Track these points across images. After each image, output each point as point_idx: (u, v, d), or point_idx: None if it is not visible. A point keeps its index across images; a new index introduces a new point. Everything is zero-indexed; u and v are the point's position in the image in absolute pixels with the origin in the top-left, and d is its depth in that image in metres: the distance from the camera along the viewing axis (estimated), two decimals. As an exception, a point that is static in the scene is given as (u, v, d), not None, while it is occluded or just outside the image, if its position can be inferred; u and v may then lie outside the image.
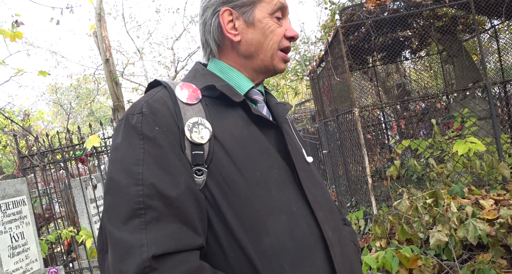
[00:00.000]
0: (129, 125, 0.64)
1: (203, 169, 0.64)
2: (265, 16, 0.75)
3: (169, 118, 0.65)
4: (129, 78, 13.88)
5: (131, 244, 0.56)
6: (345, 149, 3.76)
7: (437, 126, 2.84)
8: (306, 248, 0.66)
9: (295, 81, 10.07)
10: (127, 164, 0.61)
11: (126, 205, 0.58)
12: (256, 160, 0.68)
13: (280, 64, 0.78)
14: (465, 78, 3.91)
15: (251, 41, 0.75)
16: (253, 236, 0.63)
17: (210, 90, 0.72)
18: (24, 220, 2.98)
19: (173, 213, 0.59)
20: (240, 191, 0.64)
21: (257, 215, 0.64)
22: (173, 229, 0.58)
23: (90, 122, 4.77)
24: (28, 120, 10.17)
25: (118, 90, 7.16)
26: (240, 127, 0.70)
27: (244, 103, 0.72)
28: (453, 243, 1.99)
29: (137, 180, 0.59)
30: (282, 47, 0.77)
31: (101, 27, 6.85)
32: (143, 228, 0.57)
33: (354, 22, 3.17)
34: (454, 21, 3.75)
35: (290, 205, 0.67)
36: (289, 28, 0.78)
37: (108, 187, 0.62)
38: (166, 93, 0.69)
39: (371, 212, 3.05)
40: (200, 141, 0.65)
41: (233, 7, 0.75)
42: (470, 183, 2.84)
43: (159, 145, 0.62)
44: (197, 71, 0.79)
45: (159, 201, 0.59)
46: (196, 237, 0.60)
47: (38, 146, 4.00)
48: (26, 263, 2.89)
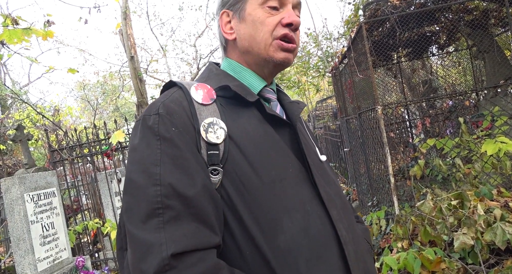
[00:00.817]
0: (146, 127, 0.65)
1: (219, 168, 0.65)
2: (255, 7, 0.74)
3: (185, 119, 0.66)
4: (153, 75, 14.19)
5: (151, 243, 0.57)
6: (367, 147, 3.69)
7: (465, 125, 2.73)
8: (321, 246, 0.66)
9: (317, 77, 9.94)
10: (145, 164, 0.62)
11: (145, 205, 0.60)
12: (271, 159, 0.68)
13: (277, 53, 0.74)
14: (496, 74, 3.73)
15: (243, 36, 0.76)
16: (268, 234, 0.63)
17: (224, 90, 0.72)
18: (54, 210, 3.13)
19: (191, 212, 0.60)
20: (256, 190, 0.64)
21: (272, 213, 0.64)
22: (191, 228, 0.59)
23: (115, 118, 4.92)
24: (58, 116, 10.63)
25: (142, 87, 7.34)
26: (254, 127, 0.70)
27: (258, 102, 0.73)
28: (479, 247, 1.92)
29: (155, 180, 0.60)
30: (277, 36, 0.74)
31: (126, 25, 7.04)
32: (161, 227, 0.58)
33: (378, 18, 3.09)
34: (486, 14, 3.57)
35: (304, 203, 0.68)
36: (287, 15, 0.74)
37: (127, 187, 0.64)
38: (181, 94, 0.70)
39: (393, 212, 2.99)
40: (215, 140, 0.66)
41: (229, 8, 0.78)
42: (500, 185, 2.72)
43: (176, 145, 0.63)
44: (211, 71, 0.80)
45: (177, 200, 0.60)
46: (213, 235, 0.61)
47: (67, 140, 4.18)
48: (56, 251, 3.05)
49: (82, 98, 15.53)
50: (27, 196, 2.86)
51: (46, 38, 3.42)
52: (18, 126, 3.46)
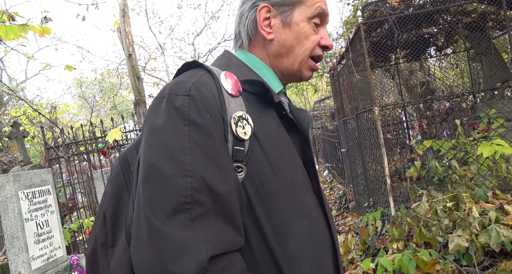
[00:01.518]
0: (173, 107, 0.57)
1: (243, 166, 0.61)
2: (303, 19, 0.73)
3: (215, 107, 0.60)
4: (151, 73, 14.15)
5: (185, 243, 0.51)
6: (364, 148, 3.69)
7: (462, 127, 2.74)
8: (321, 253, 0.67)
9: (315, 78, 9.95)
10: (173, 150, 0.55)
11: (172, 198, 0.53)
12: (287, 163, 0.67)
13: (307, 72, 0.77)
14: (493, 77, 3.74)
15: (284, 41, 0.74)
16: (281, 240, 0.61)
17: (253, 85, 0.68)
18: (49, 208, 3.11)
19: (220, 210, 0.55)
20: (273, 193, 0.62)
21: (286, 218, 0.63)
22: (219, 228, 0.54)
23: (112, 116, 4.91)
24: (55, 113, 10.57)
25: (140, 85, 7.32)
26: (274, 128, 0.68)
27: (280, 104, 0.70)
28: (474, 249, 1.93)
29: (186, 170, 0.54)
30: (314, 55, 0.76)
31: (124, 22, 7.01)
32: (188, 224, 0.52)
33: (377, 19, 3.09)
34: (484, 17, 3.58)
35: (311, 210, 0.68)
36: (325, 36, 0.76)
37: (149, 174, 0.55)
38: (211, 79, 0.64)
39: (389, 213, 2.99)
40: (243, 136, 0.61)
41: (273, 5, 0.74)
42: (495, 187, 2.73)
43: (210, 134, 0.57)
44: (230, 61, 0.74)
45: (207, 196, 0.54)
46: (239, 237, 0.57)
47: (63, 138, 4.16)
48: (50, 249, 3.03)
49: (80, 96, 15.46)
50: (21, 193, 2.84)
51: (43, 34, 3.39)
52: (14, 123, 3.44)
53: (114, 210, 0.66)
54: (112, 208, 0.66)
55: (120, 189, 0.67)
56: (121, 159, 0.71)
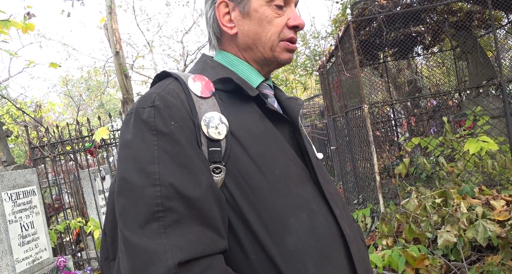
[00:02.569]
0: (140, 120, 0.59)
1: (221, 166, 0.60)
2: (262, 4, 0.70)
3: (184, 113, 0.60)
4: (139, 71, 13.96)
5: (153, 251, 0.51)
6: (353, 146, 3.72)
7: (448, 124, 2.78)
8: (328, 247, 0.64)
9: (304, 76, 9.98)
10: (142, 162, 0.56)
11: (142, 208, 0.54)
12: (274, 157, 0.65)
13: (282, 54, 0.73)
14: (479, 75, 3.82)
15: (247, 32, 0.71)
16: (275, 237, 0.60)
17: (225, 83, 0.68)
18: (34, 209, 3.04)
19: (195, 215, 0.55)
20: (260, 189, 0.61)
21: (278, 214, 0.61)
22: (195, 233, 0.54)
23: (99, 114, 4.82)
24: (40, 112, 10.33)
25: (128, 83, 7.21)
26: (256, 123, 0.67)
27: (259, 97, 0.69)
28: (462, 244, 1.96)
29: (153, 179, 0.55)
30: (284, 38, 0.72)
31: (111, 19, 6.88)
32: (162, 232, 0.52)
33: (366, 17, 3.11)
34: (470, 16, 3.64)
35: (309, 202, 0.65)
36: (293, 16, 0.72)
37: (120, 188, 0.57)
38: (178, 86, 0.64)
39: (378, 210, 3.03)
40: (217, 136, 0.61)
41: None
42: (481, 183, 2.78)
43: (177, 140, 0.57)
44: (206, 63, 0.75)
45: (179, 202, 0.54)
46: (220, 239, 0.57)
47: (48, 137, 4.06)
48: (36, 252, 2.95)
49: (65, 94, 15.15)
50: (5, 194, 2.76)
51: (26, 31, 3.30)
52: (-4, 122, 3.33)
53: (112, 226, 0.68)
54: (110, 225, 0.69)
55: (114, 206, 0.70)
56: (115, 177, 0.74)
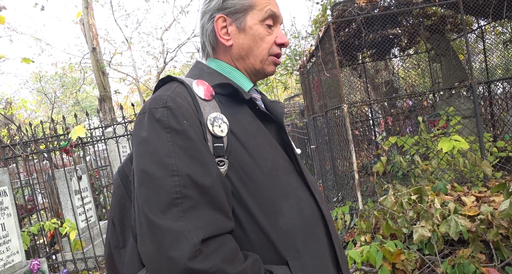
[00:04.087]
0: (154, 119, 0.67)
1: (224, 159, 0.70)
2: (256, 22, 0.81)
3: (191, 113, 0.69)
4: (117, 68, 13.61)
5: (179, 231, 0.60)
6: (333, 144, 3.79)
7: (423, 124, 2.88)
8: (312, 226, 0.76)
9: (284, 75, 10.05)
10: (159, 156, 0.64)
11: (163, 195, 0.62)
12: (267, 151, 0.75)
13: (269, 67, 0.85)
14: (451, 77, 3.98)
15: (242, 45, 0.82)
16: (271, 218, 0.70)
17: (223, 87, 0.78)
18: (5, 211, 2.91)
19: (208, 200, 0.64)
20: (257, 179, 0.71)
21: (272, 199, 0.72)
22: (208, 215, 0.63)
23: (75, 112, 4.66)
24: (10, 109, 9.86)
25: (105, 80, 7.02)
26: (249, 122, 0.77)
27: (251, 100, 0.80)
28: (435, 238, 2.05)
29: (171, 171, 0.63)
30: (272, 53, 0.84)
31: (88, 14, 6.67)
32: (181, 216, 0.61)
33: (345, 18, 3.17)
34: (443, 20, 3.79)
35: (296, 189, 0.77)
36: (280, 35, 0.84)
37: (142, 179, 0.65)
38: (184, 89, 0.73)
39: (357, 207, 3.10)
40: (220, 134, 0.71)
41: (227, 14, 0.82)
42: (453, 180, 2.91)
43: (189, 137, 0.66)
44: (202, 70, 0.84)
45: (194, 190, 0.63)
46: (228, 221, 0.67)
47: (20, 136, 3.89)
48: (7, 255, 2.83)
49: (39, 91, 14.54)
50: (-27, 195, 2.63)
51: (-3, 24, 3.14)
52: (-37, 119, 3.16)
53: (120, 216, 0.76)
54: (118, 215, 0.77)
55: (122, 198, 0.78)
56: (119, 172, 0.81)
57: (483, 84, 3.82)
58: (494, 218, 1.90)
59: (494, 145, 3.10)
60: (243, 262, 0.64)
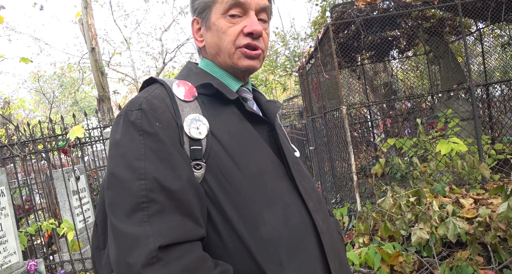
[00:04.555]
0: (129, 122, 0.66)
1: (202, 163, 0.67)
2: (218, 17, 0.77)
3: (168, 115, 0.67)
4: (116, 68, 13.59)
5: (137, 236, 0.58)
6: (331, 146, 3.79)
7: (422, 126, 2.89)
8: (300, 236, 0.70)
9: (283, 76, 10.07)
10: (129, 159, 0.63)
11: (129, 199, 0.60)
12: (252, 154, 0.71)
13: (241, 61, 0.77)
14: (450, 79, 3.99)
15: (210, 44, 0.80)
16: (250, 226, 0.66)
17: (206, 88, 0.75)
18: (2, 211, 2.90)
19: (176, 205, 0.62)
20: (238, 184, 0.67)
21: (254, 206, 0.67)
22: (176, 221, 0.61)
23: (74, 112, 4.66)
24: (9, 109, 9.84)
25: (104, 80, 7.00)
26: (235, 124, 0.73)
27: (238, 100, 0.75)
28: (434, 241, 2.05)
29: (139, 174, 0.61)
30: (239, 45, 0.76)
31: (87, 14, 6.67)
32: (146, 220, 0.59)
33: (344, 20, 3.18)
34: (442, 23, 3.81)
35: (283, 196, 0.71)
36: (249, 23, 0.75)
37: (110, 182, 0.64)
38: (163, 91, 0.71)
39: (355, 209, 3.10)
40: (198, 136, 0.68)
41: (198, 16, 0.81)
42: (452, 182, 2.91)
43: (160, 140, 0.64)
44: (190, 70, 0.82)
45: (162, 194, 0.61)
46: (198, 228, 0.63)
47: (18, 135, 3.88)
48: (4, 256, 2.82)
49: (37, 91, 14.50)
50: (-29, 195, 2.61)
51: (-5, 24, 3.14)
52: (-39, 119, 3.15)
53: (103, 217, 0.74)
54: (101, 216, 0.75)
55: None
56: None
57: (481, 86, 3.83)
58: (492, 220, 1.90)
59: (492, 147, 3.11)
60: (210, 273, 0.61)
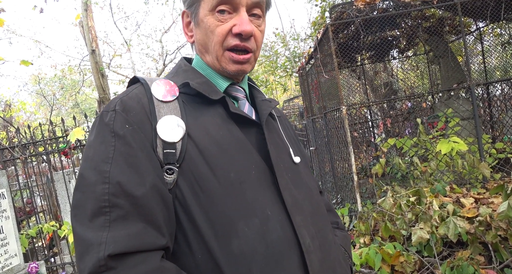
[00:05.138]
0: (103, 123, 0.64)
1: (174, 168, 0.63)
2: (206, 14, 0.70)
3: (142, 116, 0.64)
4: (116, 70, 13.62)
5: (90, 242, 0.56)
6: (332, 146, 3.79)
7: (422, 126, 2.89)
8: (279, 254, 0.63)
9: (284, 77, 10.07)
10: (97, 161, 0.61)
11: (92, 202, 0.58)
12: (232, 160, 0.65)
13: (229, 65, 0.72)
14: (450, 78, 3.99)
15: (199, 41, 0.74)
16: (221, 238, 0.61)
17: (187, 87, 0.71)
18: (3, 214, 2.90)
19: (138, 212, 0.59)
20: (212, 191, 0.62)
21: (227, 216, 0.62)
22: (137, 228, 0.58)
23: (74, 114, 4.67)
24: (9, 111, 9.86)
25: (104, 82, 7.02)
26: (217, 126, 0.68)
27: (223, 100, 0.70)
28: (434, 240, 2.04)
29: (104, 177, 0.59)
30: (228, 47, 0.70)
31: (87, 17, 6.68)
32: (107, 226, 0.57)
33: (344, 20, 3.18)
34: (441, 22, 3.80)
35: (265, 207, 0.64)
36: (239, 23, 0.69)
37: (78, 183, 0.62)
38: (142, 90, 0.69)
39: (356, 209, 3.10)
40: (172, 139, 0.64)
41: (187, 8, 0.75)
42: (452, 182, 2.91)
43: (128, 143, 0.62)
44: (179, 67, 0.78)
45: (125, 199, 0.58)
46: (160, 237, 0.59)
47: (19, 138, 3.89)
48: (5, 258, 2.82)
49: (38, 93, 14.54)
50: (-29, 198, 2.62)
51: (-5, 26, 3.15)
52: (-39, 122, 3.16)
53: None
54: None
55: None
56: None
57: (482, 86, 3.83)
58: (493, 219, 1.90)
59: (493, 146, 3.10)
60: None
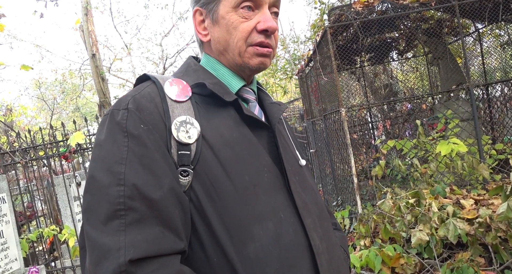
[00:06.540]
0: (114, 122, 0.61)
1: (189, 170, 0.61)
2: (228, 11, 0.69)
3: (156, 116, 0.62)
4: (116, 74, 13.66)
5: (108, 247, 0.54)
6: (332, 148, 3.79)
7: (422, 127, 2.89)
8: (292, 256, 0.64)
9: (284, 80, 10.09)
10: (110, 162, 0.58)
11: (106, 206, 0.56)
12: (246, 163, 0.65)
13: (252, 60, 0.71)
14: (449, 80, 3.99)
15: (218, 39, 0.72)
16: (237, 242, 0.61)
17: (201, 87, 0.69)
18: (4, 218, 2.90)
19: (155, 215, 0.57)
20: (227, 195, 0.61)
21: (243, 220, 0.61)
22: (154, 232, 0.56)
23: (75, 118, 4.68)
24: (10, 116, 9.89)
25: (105, 86, 7.04)
26: (230, 128, 0.67)
27: (236, 102, 0.69)
28: (434, 242, 2.04)
29: (119, 179, 0.57)
30: (252, 43, 0.70)
31: (87, 21, 6.71)
32: (122, 230, 0.55)
33: (342, 23, 3.19)
34: (440, 24, 3.81)
35: (278, 211, 0.65)
36: (263, 19, 0.69)
37: (88, 185, 0.59)
38: (154, 89, 0.66)
39: (356, 211, 3.09)
40: (187, 140, 0.62)
41: (202, 6, 0.73)
42: (452, 183, 2.90)
43: (144, 143, 0.59)
44: (189, 66, 0.76)
45: (141, 202, 0.56)
46: (178, 241, 0.58)
47: (20, 142, 3.90)
48: (5, 262, 2.82)
49: (38, 97, 14.58)
50: (-28, 202, 2.62)
51: (-4, 32, 3.17)
52: (-38, 127, 3.17)
53: None
54: None
55: None
56: None
57: (481, 87, 3.83)
58: (493, 221, 1.89)
59: (492, 147, 3.10)
60: None
